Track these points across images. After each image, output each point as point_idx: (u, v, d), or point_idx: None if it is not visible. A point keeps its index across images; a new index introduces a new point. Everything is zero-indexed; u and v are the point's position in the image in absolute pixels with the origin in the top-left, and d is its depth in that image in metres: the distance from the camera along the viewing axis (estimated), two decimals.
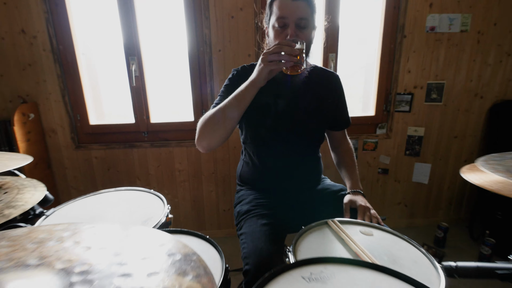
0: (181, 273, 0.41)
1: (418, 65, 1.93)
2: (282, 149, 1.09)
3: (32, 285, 0.35)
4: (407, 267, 0.68)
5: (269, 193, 1.12)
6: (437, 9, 1.83)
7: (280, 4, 0.94)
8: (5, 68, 1.74)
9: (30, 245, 0.46)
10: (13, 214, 0.69)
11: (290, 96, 1.06)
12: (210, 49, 1.80)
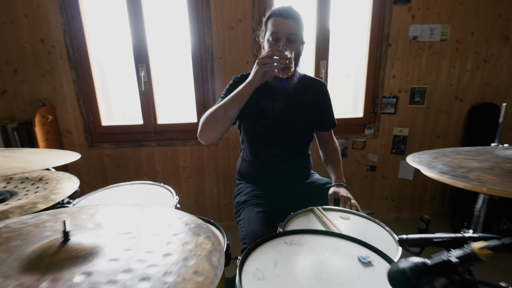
0: (196, 234, 0.58)
1: (402, 71, 2.11)
2: (276, 147, 1.27)
3: (94, 238, 0.53)
4: (374, 242, 0.85)
5: (264, 186, 1.30)
6: (418, 20, 2.01)
7: (274, 22, 1.13)
8: (26, 74, 1.92)
9: (84, 216, 0.64)
10: (57, 199, 0.86)
11: (283, 102, 1.24)
12: (212, 57, 1.98)
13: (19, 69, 1.91)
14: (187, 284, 0.41)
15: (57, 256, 0.46)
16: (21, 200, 0.88)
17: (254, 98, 1.12)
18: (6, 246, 0.50)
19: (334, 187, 1.24)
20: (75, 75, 1.95)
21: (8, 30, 1.85)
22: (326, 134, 1.41)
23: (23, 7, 1.82)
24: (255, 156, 1.30)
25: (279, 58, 1.01)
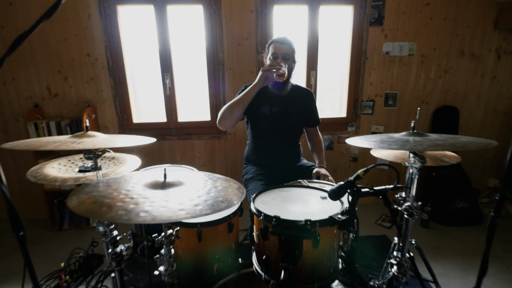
0: (226, 181, 1.06)
1: (377, 79, 2.58)
2: (274, 140, 1.74)
3: (178, 178, 1.00)
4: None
5: (265, 167, 1.77)
6: (390, 39, 2.49)
7: (274, 46, 1.60)
8: (74, 81, 2.39)
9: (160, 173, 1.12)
10: (133, 169, 1.33)
11: (279, 106, 1.70)
12: (223, 68, 2.45)
13: (68, 77, 2.39)
14: (230, 191, 0.89)
15: (163, 183, 0.93)
16: (107, 170, 1.35)
17: (257, 104, 1.60)
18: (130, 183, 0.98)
19: (317, 168, 1.71)
20: (113, 82, 2.43)
21: (62, 46, 2.32)
22: (312, 130, 1.88)
23: (74, 28, 2.29)
24: (258, 146, 1.78)
25: (277, 67, 1.49)
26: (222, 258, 1.28)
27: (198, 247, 1.24)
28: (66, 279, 1.80)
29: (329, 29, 2.54)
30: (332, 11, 2.51)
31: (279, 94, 1.67)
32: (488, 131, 2.80)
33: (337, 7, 2.48)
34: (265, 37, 2.42)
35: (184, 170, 1.69)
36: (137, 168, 1.42)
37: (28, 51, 2.31)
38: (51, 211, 2.49)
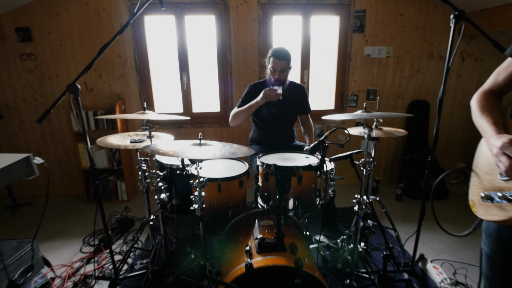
0: (239, 147, 1.55)
1: (360, 77, 3.07)
2: (273, 128, 2.22)
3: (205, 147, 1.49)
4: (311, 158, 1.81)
5: (266, 146, 2.25)
6: (370, 43, 2.98)
7: (273, 60, 2.04)
8: (107, 78, 2.88)
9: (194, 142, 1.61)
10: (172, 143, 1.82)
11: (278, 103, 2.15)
12: (231, 67, 2.94)
13: (102, 74, 2.87)
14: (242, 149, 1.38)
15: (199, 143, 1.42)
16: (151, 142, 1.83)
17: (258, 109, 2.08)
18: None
19: (307, 146, 2.20)
20: (139, 79, 2.91)
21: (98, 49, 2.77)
22: (304, 117, 2.36)
23: (108, 34, 2.78)
24: (260, 133, 2.26)
25: (274, 95, 1.92)
26: (235, 206, 1.76)
27: (218, 196, 1.73)
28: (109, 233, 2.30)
29: (320, 35, 3.03)
30: (322, 20, 2.99)
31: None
32: (456, 122, 3.29)
33: (326, 17, 2.97)
34: (266, 42, 2.91)
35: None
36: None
37: (70, 52, 2.80)
38: (87, 187, 2.98)
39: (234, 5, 2.78)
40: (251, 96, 2.10)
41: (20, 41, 2.73)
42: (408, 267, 1.88)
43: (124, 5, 2.71)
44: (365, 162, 1.64)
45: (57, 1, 2.67)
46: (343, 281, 1.76)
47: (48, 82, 2.86)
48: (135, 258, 2.10)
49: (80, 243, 2.30)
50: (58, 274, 1.96)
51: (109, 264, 2.01)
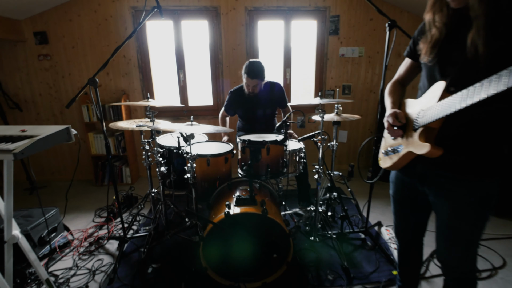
0: (222, 128, 1.96)
1: (336, 74, 3.48)
2: (256, 119, 2.63)
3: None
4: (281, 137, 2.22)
5: (251, 133, 2.66)
6: (344, 44, 3.39)
7: (247, 78, 2.40)
8: (113, 75, 3.28)
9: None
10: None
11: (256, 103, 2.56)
12: (222, 66, 3.35)
13: (109, 72, 3.28)
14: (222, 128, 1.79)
15: (191, 125, 1.82)
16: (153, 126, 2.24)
17: (240, 107, 2.49)
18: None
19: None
20: (141, 76, 3.32)
21: (105, 50, 3.21)
22: (285, 108, 2.77)
23: (114, 37, 3.18)
24: (245, 125, 2.67)
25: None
26: (221, 178, 2.17)
27: (207, 169, 2.13)
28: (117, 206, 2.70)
29: (300, 37, 3.44)
30: (301, 24, 3.41)
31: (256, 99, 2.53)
32: None
33: (305, 21, 3.38)
34: (252, 43, 3.32)
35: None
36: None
37: (81, 53, 3.21)
38: (96, 171, 3.38)
39: (224, 11, 3.19)
40: (232, 100, 2.53)
41: (37, 43, 3.14)
42: (363, 229, 2.29)
43: (128, 12, 3.11)
44: (322, 139, 2.04)
45: (70, 8, 3.07)
46: (309, 238, 2.18)
47: (61, 80, 3.27)
48: (140, 225, 2.51)
49: (92, 216, 2.71)
50: (76, 237, 2.37)
51: (118, 230, 2.42)
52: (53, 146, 1.31)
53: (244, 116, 2.65)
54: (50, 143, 1.26)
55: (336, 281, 1.83)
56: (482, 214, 1.06)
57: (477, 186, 1.03)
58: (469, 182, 1.03)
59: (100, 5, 3.09)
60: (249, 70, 2.34)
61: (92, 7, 3.09)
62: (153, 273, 1.91)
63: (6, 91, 3.22)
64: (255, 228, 1.67)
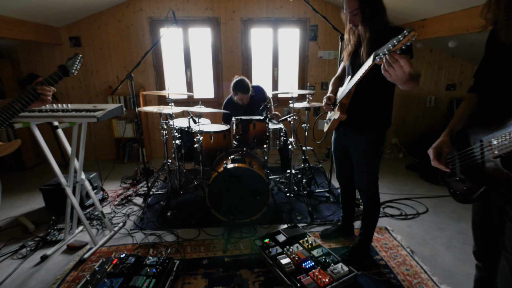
0: (221, 110, 2.70)
1: (316, 73, 4.23)
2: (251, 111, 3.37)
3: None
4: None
5: None
6: (322, 48, 4.13)
7: (240, 94, 3.13)
8: (133, 72, 4.01)
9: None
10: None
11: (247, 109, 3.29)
12: (222, 65, 4.08)
13: (129, 70, 4.00)
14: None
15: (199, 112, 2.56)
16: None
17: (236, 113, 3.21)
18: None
19: (274, 112, 3.36)
20: (155, 73, 4.05)
21: (127, 52, 3.94)
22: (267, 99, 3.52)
23: (134, 40, 3.91)
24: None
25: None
26: (221, 149, 2.91)
27: (211, 143, 2.87)
28: (139, 176, 3.45)
29: (286, 42, 4.19)
30: (287, 32, 4.15)
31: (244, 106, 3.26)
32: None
33: (289, 29, 4.13)
34: (246, 46, 4.07)
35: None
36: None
37: (107, 55, 3.94)
38: (117, 151, 4.12)
39: (223, 21, 3.93)
40: (228, 108, 3.21)
41: (72, 46, 3.87)
42: (327, 189, 3.04)
43: (146, 21, 3.85)
44: (292, 118, 2.79)
45: (99, 18, 3.80)
46: (286, 195, 2.93)
47: (90, 76, 4.00)
48: (158, 188, 3.25)
49: (119, 183, 3.45)
50: (109, 195, 3.11)
51: (141, 191, 3.17)
52: (113, 116, 2.05)
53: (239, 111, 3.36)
54: (112, 114, 2.00)
55: (302, 220, 2.58)
56: (374, 154, 1.81)
57: (370, 136, 1.78)
58: (365, 134, 1.78)
59: (123, 15, 3.82)
60: (241, 88, 3.00)
61: (116, 17, 3.82)
62: (171, 215, 2.65)
63: None
64: (244, 178, 2.41)
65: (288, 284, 1.72)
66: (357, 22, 1.69)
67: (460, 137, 1.11)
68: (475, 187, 1.02)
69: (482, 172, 0.97)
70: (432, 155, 1.15)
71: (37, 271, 1.98)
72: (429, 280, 1.84)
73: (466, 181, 1.05)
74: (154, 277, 1.68)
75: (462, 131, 1.11)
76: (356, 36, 1.78)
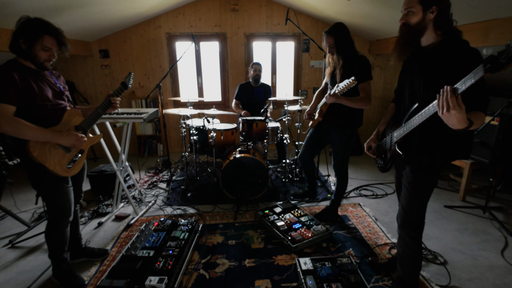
0: (230, 113, 3.41)
1: (309, 79, 4.93)
2: (252, 103, 4.09)
3: None
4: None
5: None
6: (314, 59, 4.83)
7: (254, 66, 3.94)
8: (153, 79, 4.71)
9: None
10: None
11: (254, 95, 4.02)
12: (228, 73, 4.79)
13: (150, 77, 4.71)
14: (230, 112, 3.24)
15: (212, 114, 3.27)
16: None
17: (244, 94, 3.94)
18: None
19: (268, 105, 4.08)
20: (171, 80, 4.75)
21: (147, 62, 4.64)
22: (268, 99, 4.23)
23: (154, 52, 4.61)
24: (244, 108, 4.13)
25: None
26: (229, 144, 3.62)
27: (221, 139, 3.58)
28: (160, 166, 4.15)
29: (282, 53, 4.89)
30: (283, 45, 4.85)
31: (255, 94, 3.99)
32: (372, 109, 5.16)
33: (286, 42, 4.83)
34: (249, 57, 4.76)
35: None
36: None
37: (131, 64, 4.64)
38: (139, 146, 4.83)
39: (229, 36, 4.63)
40: (240, 91, 3.97)
41: (101, 57, 4.57)
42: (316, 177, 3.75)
43: (164, 36, 4.55)
44: (287, 119, 3.50)
45: (125, 34, 4.50)
46: (283, 181, 3.64)
47: (116, 82, 4.70)
48: (177, 177, 3.96)
49: (143, 172, 4.15)
50: (138, 181, 3.81)
51: (163, 179, 3.87)
52: (153, 118, 2.75)
53: (245, 103, 4.08)
54: (152, 116, 2.71)
55: (294, 198, 3.29)
56: (347, 144, 2.52)
57: (344, 132, 2.49)
58: (341, 131, 2.49)
59: (145, 31, 4.52)
60: (255, 63, 3.91)
61: (139, 33, 4.52)
62: (191, 196, 3.36)
63: (79, 89, 4.65)
64: (249, 165, 3.11)
65: (282, 238, 2.43)
66: (333, 52, 2.38)
67: (383, 134, 1.82)
68: (387, 162, 1.73)
69: (390, 153, 1.68)
70: (365, 148, 1.86)
71: (97, 232, 2.68)
72: (384, 236, 2.56)
73: (384, 159, 1.76)
74: (187, 232, 2.39)
75: (384, 130, 1.82)
76: (332, 60, 2.48)
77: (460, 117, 1.16)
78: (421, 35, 1.49)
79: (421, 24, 1.45)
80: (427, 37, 1.48)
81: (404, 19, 1.49)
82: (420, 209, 1.61)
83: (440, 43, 1.44)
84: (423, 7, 1.41)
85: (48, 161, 1.71)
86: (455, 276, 2.06)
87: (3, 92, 1.56)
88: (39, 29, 1.67)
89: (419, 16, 1.44)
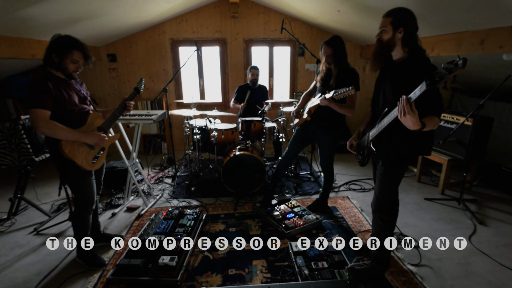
0: (230, 114, 3.73)
1: (304, 82, 5.24)
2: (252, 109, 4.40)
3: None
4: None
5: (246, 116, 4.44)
6: (308, 62, 5.14)
7: (252, 70, 4.25)
8: (157, 82, 5.01)
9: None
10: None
11: (253, 96, 4.34)
12: (228, 75, 5.09)
13: (154, 80, 5.01)
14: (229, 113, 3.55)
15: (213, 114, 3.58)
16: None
17: (243, 96, 4.26)
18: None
19: (266, 106, 4.38)
20: (175, 82, 5.06)
21: (152, 65, 4.94)
22: (266, 100, 4.54)
23: (159, 56, 4.91)
24: (244, 112, 4.44)
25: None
26: (229, 143, 3.92)
27: (222, 137, 3.88)
28: (165, 163, 4.46)
29: (279, 57, 5.20)
30: (280, 49, 5.16)
31: (253, 88, 4.31)
32: (361, 109, 5.47)
33: (282, 47, 5.14)
34: (247, 61, 5.07)
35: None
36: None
37: (136, 68, 4.94)
38: (145, 144, 5.14)
39: (229, 41, 4.94)
40: (239, 92, 4.28)
41: (109, 61, 4.86)
42: (309, 172, 4.06)
43: (168, 42, 4.85)
44: (283, 120, 3.81)
45: (131, 39, 4.80)
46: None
47: (123, 85, 5.00)
48: (181, 173, 4.27)
49: (150, 168, 4.46)
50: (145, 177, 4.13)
51: (168, 174, 4.18)
52: (161, 119, 3.06)
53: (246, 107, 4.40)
54: (161, 117, 3.02)
55: (289, 193, 3.61)
56: (332, 144, 2.84)
57: (330, 133, 2.80)
58: (328, 132, 2.80)
59: (150, 37, 4.82)
60: (253, 67, 4.19)
61: (145, 38, 4.82)
62: (194, 190, 3.67)
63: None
64: (247, 161, 3.42)
65: (276, 225, 2.75)
66: (330, 62, 2.67)
67: (363, 133, 2.13)
68: (365, 157, 2.04)
69: (366, 149, 1.99)
70: (348, 146, 2.18)
71: (111, 222, 2.99)
72: (368, 224, 2.88)
73: (362, 155, 2.08)
74: (193, 220, 2.70)
75: (364, 129, 2.13)
76: (327, 68, 2.76)
77: (414, 120, 1.47)
78: (391, 50, 1.80)
79: (391, 41, 1.76)
80: (396, 52, 1.80)
81: (379, 36, 1.81)
82: (390, 196, 1.92)
83: (406, 59, 1.76)
84: (393, 28, 1.73)
85: (77, 157, 2.02)
86: (425, 256, 2.38)
87: (41, 99, 1.87)
88: (69, 45, 1.98)
89: (390, 35, 1.75)
